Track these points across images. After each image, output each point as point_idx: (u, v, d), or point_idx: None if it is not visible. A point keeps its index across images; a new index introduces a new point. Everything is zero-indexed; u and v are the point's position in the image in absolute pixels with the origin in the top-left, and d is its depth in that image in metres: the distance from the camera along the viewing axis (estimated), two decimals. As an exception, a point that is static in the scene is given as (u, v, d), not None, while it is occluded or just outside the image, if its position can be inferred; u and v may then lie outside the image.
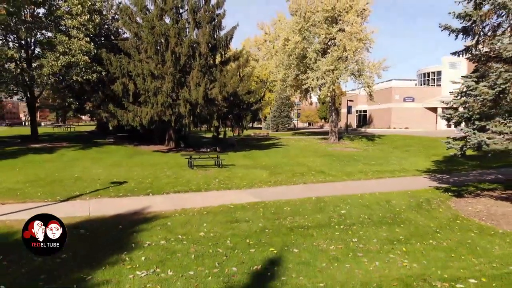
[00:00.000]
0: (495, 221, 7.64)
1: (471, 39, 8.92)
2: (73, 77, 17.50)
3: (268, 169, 14.30)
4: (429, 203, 8.84)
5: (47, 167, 13.54)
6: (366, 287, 4.48)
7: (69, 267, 4.96)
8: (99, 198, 8.97)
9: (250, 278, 4.66)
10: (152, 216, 7.43)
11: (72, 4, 17.47)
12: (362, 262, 5.24)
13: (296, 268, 4.96)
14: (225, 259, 5.22)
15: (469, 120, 8.39)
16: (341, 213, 7.78)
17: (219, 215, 7.60)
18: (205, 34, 19.30)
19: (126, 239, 6.05)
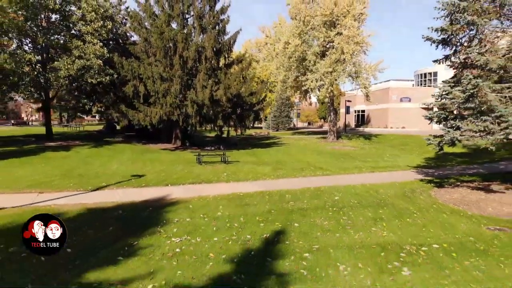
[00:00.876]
0: (466, 206, 9.01)
1: (449, 49, 10.30)
2: (88, 79, 18.84)
3: (270, 165, 15.65)
4: (413, 192, 10.22)
5: (67, 163, 14.88)
6: (351, 248, 5.86)
7: (118, 236, 6.33)
8: (124, 188, 10.34)
9: (261, 242, 6.04)
10: (174, 201, 8.81)
11: (86, 11, 18.81)
12: (349, 233, 6.62)
13: (296, 236, 6.34)
14: (240, 230, 6.60)
15: (446, 119, 9.77)
16: (334, 199, 9.15)
17: (231, 200, 8.97)
18: (210, 39, 20.65)
19: (158, 217, 7.43)
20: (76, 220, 7.18)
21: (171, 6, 21.87)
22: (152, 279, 4.65)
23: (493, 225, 7.59)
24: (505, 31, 9.42)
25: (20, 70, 18.41)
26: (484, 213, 8.41)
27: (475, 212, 8.52)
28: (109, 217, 7.43)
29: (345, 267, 5.11)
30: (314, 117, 63.31)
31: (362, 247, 5.92)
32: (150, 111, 19.63)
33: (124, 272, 4.88)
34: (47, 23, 20.40)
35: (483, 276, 5.02)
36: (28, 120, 57.51)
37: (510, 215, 8.27)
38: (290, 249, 5.72)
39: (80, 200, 8.79)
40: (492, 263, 5.51)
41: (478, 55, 8.90)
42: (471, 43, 10.03)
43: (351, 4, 27.42)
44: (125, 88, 19.80)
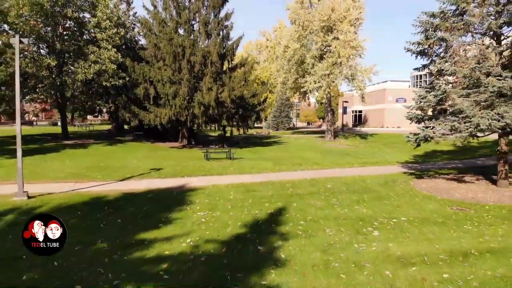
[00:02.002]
0: (438, 193, 10.80)
1: (426, 59, 12.08)
2: (103, 82, 20.59)
3: (271, 161, 17.43)
4: (394, 182, 12.02)
5: (88, 158, 16.64)
6: (336, 219, 7.65)
7: (153, 212, 8.11)
8: (147, 179, 12.11)
9: (267, 215, 7.83)
10: (193, 188, 10.59)
11: (102, 20, 20.55)
12: (336, 209, 8.41)
13: (294, 211, 8.13)
14: (250, 208, 8.40)
15: (422, 120, 11.56)
16: (327, 187, 10.95)
17: (240, 188, 10.75)
18: (215, 44, 22.44)
19: (182, 199, 9.22)
20: (116, 201, 8.98)
21: (178, 13, 23.67)
22: (188, 237, 6.43)
23: (456, 206, 9.38)
24: (471, 44, 11.21)
25: (40, 74, 20.21)
26: (452, 198, 10.20)
27: (444, 197, 10.30)
28: (142, 199, 9.22)
29: (330, 230, 6.90)
30: (313, 117, 65.15)
31: (345, 218, 7.71)
32: (160, 112, 21.40)
33: (166, 234, 6.65)
34: (64, 29, 22.13)
35: (434, 237, 6.80)
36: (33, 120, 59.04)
37: (473, 200, 10.06)
38: (289, 219, 7.51)
39: (113, 187, 10.57)
40: (445, 230, 7.28)
41: (448, 65, 10.69)
42: (446, 54, 11.84)
43: (348, 10, 29.22)
44: (137, 90, 21.57)
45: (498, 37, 11.24)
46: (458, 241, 6.51)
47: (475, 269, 5.24)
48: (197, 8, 23.51)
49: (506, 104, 10.22)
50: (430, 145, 19.48)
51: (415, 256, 5.72)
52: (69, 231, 6.65)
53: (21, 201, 8.71)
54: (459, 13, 11.02)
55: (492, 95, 10.27)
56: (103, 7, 20.50)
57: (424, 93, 11.33)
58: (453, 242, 6.54)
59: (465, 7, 10.51)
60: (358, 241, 6.36)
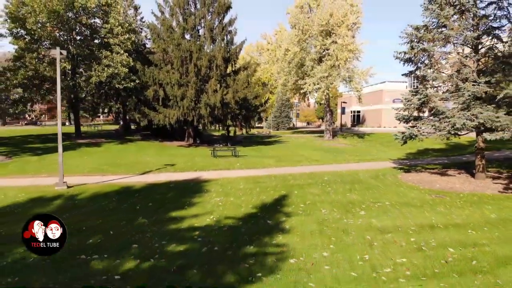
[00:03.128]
0: (421, 184, 12.39)
1: (412, 66, 13.68)
2: (115, 85, 22.16)
3: (274, 158, 19.02)
4: (384, 175, 13.62)
5: (105, 156, 18.20)
6: (330, 203, 9.23)
7: (177, 198, 9.71)
8: (164, 172, 13.69)
9: (273, 200, 9.43)
10: (206, 180, 12.18)
11: (114, 26, 22.13)
12: (331, 196, 10.01)
13: (296, 197, 9.73)
14: (258, 194, 9.99)
15: (408, 120, 13.16)
16: (324, 179, 12.54)
17: (248, 180, 12.34)
18: (220, 49, 24.02)
19: (199, 188, 10.81)
20: (144, 189, 10.57)
21: (185, 19, 25.24)
22: (211, 215, 8.01)
23: (434, 194, 10.97)
24: (451, 53, 12.82)
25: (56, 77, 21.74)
26: (433, 188, 11.79)
27: (426, 187, 11.89)
28: (165, 188, 10.81)
29: (325, 210, 8.49)
30: (313, 117, 66.79)
31: (337, 202, 9.30)
32: (168, 112, 22.97)
33: (192, 213, 8.24)
34: (77, 34, 23.70)
35: (410, 215, 8.38)
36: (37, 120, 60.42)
37: (451, 189, 11.65)
38: (291, 203, 9.10)
39: (136, 179, 12.16)
40: (420, 211, 8.86)
41: (430, 72, 12.30)
42: (429, 62, 13.44)
43: (345, 15, 30.83)
44: (147, 92, 23.15)
45: (475, 47, 12.84)
46: (429, 219, 8.10)
47: (437, 236, 6.83)
48: (203, 14, 25.10)
49: (481, 106, 11.83)
50: (423, 143, 21.40)
51: (391, 227, 7.31)
52: (112, 211, 8.26)
53: (62, 190, 10.29)
54: (440, 26, 12.61)
55: (469, 98, 11.87)
56: (116, 14, 22.06)
57: (410, 97, 12.93)
58: (425, 219, 8.13)
59: (444, 21, 12.11)
60: (347, 217, 7.96)
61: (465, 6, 12.06)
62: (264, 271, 4.93)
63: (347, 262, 5.38)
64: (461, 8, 12.07)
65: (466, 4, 12.10)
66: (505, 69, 11.93)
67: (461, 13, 12.38)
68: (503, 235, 6.94)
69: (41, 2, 20.82)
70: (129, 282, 4.64)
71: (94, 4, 21.50)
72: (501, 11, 12.43)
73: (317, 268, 5.11)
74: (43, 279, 4.77)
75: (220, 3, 25.18)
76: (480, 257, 5.72)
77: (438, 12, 12.29)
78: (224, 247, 5.96)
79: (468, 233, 7.05)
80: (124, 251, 5.73)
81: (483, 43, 12.99)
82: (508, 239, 6.70)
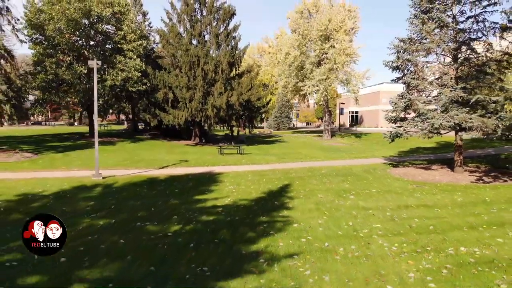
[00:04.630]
0: (405, 176, 14.33)
1: (399, 73, 15.63)
2: (129, 88, 24.08)
3: (276, 156, 20.95)
4: (374, 169, 15.57)
5: (121, 153, 20.10)
6: (326, 190, 11.17)
7: (197, 186, 11.64)
8: (180, 167, 15.61)
9: (277, 188, 11.37)
10: (218, 173, 14.11)
11: (127, 33, 24.05)
12: (327, 185, 11.95)
13: (297, 186, 11.67)
14: (264, 184, 11.93)
15: (396, 120, 15.11)
16: (321, 172, 14.49)
17: (254, 173, 14.27)
18: (226, 54, 25.96)
19: (214, 179, 12.74)
20: (167, 180, 12.50)
21: (192, 26, 27.17)
22: (228, 198, 9.93)
23: (416, 184, 12.91)
24: (432, 62, 14.79)
25: (74, 80, 23.68)
26: (415, 179, 13.72)
27: (410, 179, 13.84)
28: (185, 179, 12.74)
29: (321, 195, 10.43)
30: (312, 117, 68.80)
31: (332, 190, 11.24)
32: (177, 113, 24.89)
33: (212, 196, 10.16)
34: (92, 40, 25.60)
35: (391, 199, 10.31)
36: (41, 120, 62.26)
37: (431, 180, 13.58)
38: (293, 190, 11.04)
39: (158, 172, 14.07)
40: (400, 196, 10.78)
41: (413, 80, 14.27)
42: (414, 70, 15.39)
43: (343, 21, 32.85)
44: (157, 94, 25.07)
45: (455, 56, 14.81)
46: (406, 201, 10.04)
47: (409, 212, 8.77)
48: (209, 21, 27.03)
49: (457, 109, 13.79)
50: (415, 142, 23.49)
51: (373, 207, 9.25)
52: (147, 196, 10.19)
53: (99, 180, 12.21)
54: (422, 39, 14.58)
55: (447, 102, 13.83)
56: (129, 21, 23.98)
57: (396, 100, 14.89)
58: (402, 201, 10.07)
59: (425, 35, 14.07)
60: (339, 200, 9.90)
61: (444, 22, 14.03)
62: (275, 231, 6.87)
63: (336, 226, 7.33)
64: (441, 24, 14.03)
65: (446, 20, 14.08)
66: (479, 77, 13.93)
67: (441, 27, 14.34)
68: (462, 212, 8.88)
69: (59, 10, 22.74)
70: (177, 240, 6.53)
71: (109, 13, 23.41)
72: (477, 25, 14.41)
73: (313, 229, 7.05)
74: (115, 237, 6.67)
75: (225, 11, 27.13)
76: (437, 225, 7.67)
77: (421, 27, 14.26)
78: (243, 218, 7.89)
79: (434, 211, 8.99)
80: (168, 220, 7.66)
81: (462, 52, 14.98)
82: (465, 215, 8.64)
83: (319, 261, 5.52)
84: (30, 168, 14.99)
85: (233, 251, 5.89)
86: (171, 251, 5.85)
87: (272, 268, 5.17)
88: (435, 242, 6.52)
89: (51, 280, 4.79)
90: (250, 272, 5.03)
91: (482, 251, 6.10)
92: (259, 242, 6.28)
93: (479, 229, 7.36)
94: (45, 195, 10.13)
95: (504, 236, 6.91)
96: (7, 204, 9.05)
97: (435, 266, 5.42)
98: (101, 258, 5.56)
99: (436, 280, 4.95)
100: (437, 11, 14.11)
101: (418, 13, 14.86)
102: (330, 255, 5.76)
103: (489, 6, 13.97)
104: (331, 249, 6.04)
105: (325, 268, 5.23)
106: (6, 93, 17.26)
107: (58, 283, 4.72)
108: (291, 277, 4.91)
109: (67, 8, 22.58)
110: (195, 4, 27.19)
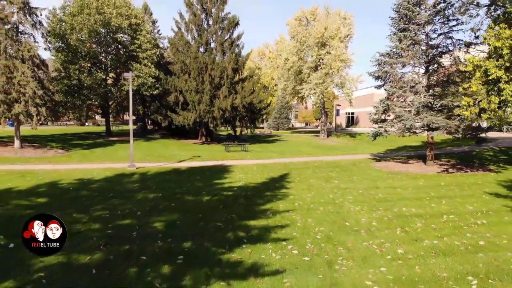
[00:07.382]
0: (385, 168, 17.46)
1: (381, 81, 18.77)
2: (143, 92, 27.17)
3: (276, 152, 24.07)
4: (359, 163, 18.70)
5: (140, 150, 23.14)
6: (317, 178, 14.29)
7: (213, 174, 14.76)
8: (195, 161, 18.69)
9: (278, 175, 14.50)
10: (229, 165, 17.21)
11: (143, 42, 27.16)
12: (318, 174, 15.07)
13: (294, 175, 14.80)
14: (268, 173, 15.06)
15: (377, 122, 18.25)
16: (314, 165, 17.62)
17: (258, 165, 17.38)
18: (230, 61, 29.10)
19: (226, 170, 15.85)
20: (188, 170, 15.59)
21: (199, 35, 30.30)
22: (240, 182, 13.02)
23: (391, 174, 16.02)
24: (408, 73, 17.97)
25: (95, 85, 26.77)
26: (392, 170, 16.84)
27: (387, 170, 16.95)
28: (202, 169, 15.83)
29: (312, 181, 13.53)
30: (311, 118, 72.03)
31: (321, 177, 14.36)
32: (187, 115, 27.99)
33: (227, 180, 13.25)
34: (109, 48, 28.71)
35: (366, 183, 13.39)
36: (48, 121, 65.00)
37: (405, 171, 16.67)
38: (291, 177, 14.16)
39: (178, 165, 17.14)
40: (375, 182, 13.88)
41: (391, 88, 17.43)
42: (392, 80, 18.51)
43: (338, 29, 36.01)
44: (169, 98, 28.18)
45: (426, 68, 17.97)
46: (377, 184, 13.16)
47: (377, 191, 11.87)
48: (215, 31, 30.18)
49: (427, 112, 16.95)
50: (403, 141, 26.72)
51: (352, 187, 12.37)
52: (176, 181, 13.32)
53: (134, 170, 15.30)
54: (398, 54, 17.73)
55: (419, 106, 16.98)
56: (145, 32, 27.10)
57: (377, 105, 18.04)
58: (374, 184, 13.19)
59: (400, 51, 17.23)
60: (326, 183, 13.03)
61: (416, 40, 17.19)
62: (277, 199, 10.00)
63: (320, 197, 10.46)
64: (413, 42, 17.19)
65: (418, 38, 17.25)
66: (444, 86, 17.11)
67: (414, 44, 17.50)
68: (417, 191, 12.00)
69: (80, 21, 25.82)
70: (210, 204, 9.61)
71: (127, 24, 26.50)
72: (446, 41, 17.55)
73: (304, 199, 10.19)
74: (166, 202, 9.74)
75: (229, 21, 30.28)
76: (394, 198, 10.79)
77: (397, 44, 17.42)
78: (253, 193, 11.01)
79: (397, 190, 12.12)
80: (200, 194, 10.76)
81: (432, 64, 18.13)
82: (418, 192, 11.73)
83: (306, 214, 8.65)
84: (68, 161, 18.05)
85: (249, 209, 9.01)
86: (209, 208, 8.97)
87: (275, 216, 8.31)
88: (387, 206, 9.65)
89: (139, 222, 7.86)
90: (261, 218, 8.15)
91: (417, 210, 9.24)
92: (266, 205, 9.40)
93: (423, 200, 10.49)
94: (96, 180, 13.21)
95: (438, 204, 10.04)
96: (73, 185, 12.12)
97: (381, 216, 8.55)
98: (162, 212, 8.65)
99: (378, 222, 8.08)
100: (412, 30, 17.30)
101: (396, 31, 18.04)
102: (314, 211, 8.89)
103: (456, 26, 17.19)
104: (314, 208, 9.18)
105: (309, 216, 8.36)
106: (42, 97, 20.28)
107: (143, 223, 7.78)
108: (287, 219, 8.05)
109: (88, 20, 25.68)
110: (202, 15, 30.34)
